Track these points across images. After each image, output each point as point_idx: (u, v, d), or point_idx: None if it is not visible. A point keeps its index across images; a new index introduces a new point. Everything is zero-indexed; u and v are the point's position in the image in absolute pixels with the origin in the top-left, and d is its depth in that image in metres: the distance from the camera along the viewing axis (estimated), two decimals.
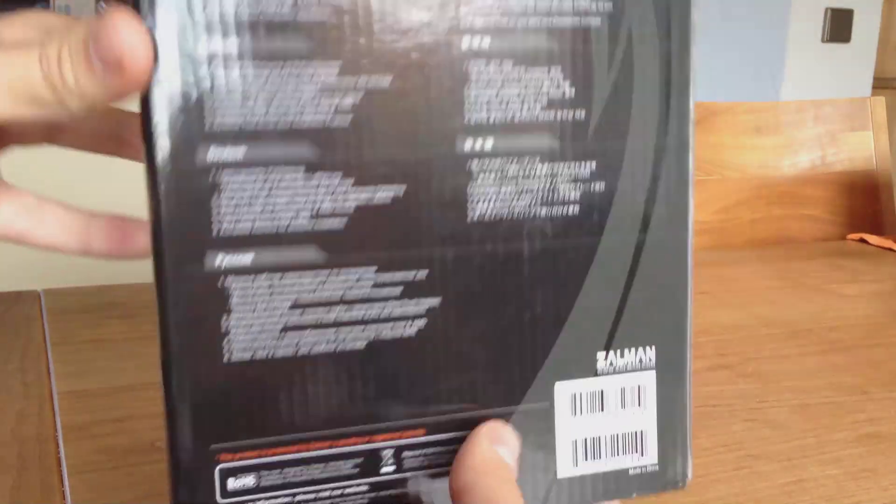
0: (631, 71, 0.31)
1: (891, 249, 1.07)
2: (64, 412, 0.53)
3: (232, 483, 0.28)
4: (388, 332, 0.29)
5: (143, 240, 0.32)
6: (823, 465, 0.50)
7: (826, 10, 2.67)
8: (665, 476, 0.34)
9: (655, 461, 0.34)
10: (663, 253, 0.32)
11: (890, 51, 3.10)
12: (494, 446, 0.29)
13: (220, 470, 0.28)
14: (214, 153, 0.26)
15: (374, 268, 0.28)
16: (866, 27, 2.74)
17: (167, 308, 0.27)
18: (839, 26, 2.69)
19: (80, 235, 0.32)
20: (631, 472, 0.33)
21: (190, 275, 0.27)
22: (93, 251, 0.32)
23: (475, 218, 0.29)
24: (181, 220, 0.26)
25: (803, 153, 1.27)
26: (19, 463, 0.47)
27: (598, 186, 0.31)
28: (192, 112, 0.26)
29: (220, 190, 0.27)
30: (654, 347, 0.33)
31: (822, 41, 2.70)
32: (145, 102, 0.26)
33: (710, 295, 0.84)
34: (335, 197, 0.28)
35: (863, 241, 1.12)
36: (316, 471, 0.29)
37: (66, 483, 0.45)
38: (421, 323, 0.29)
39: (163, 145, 0.26)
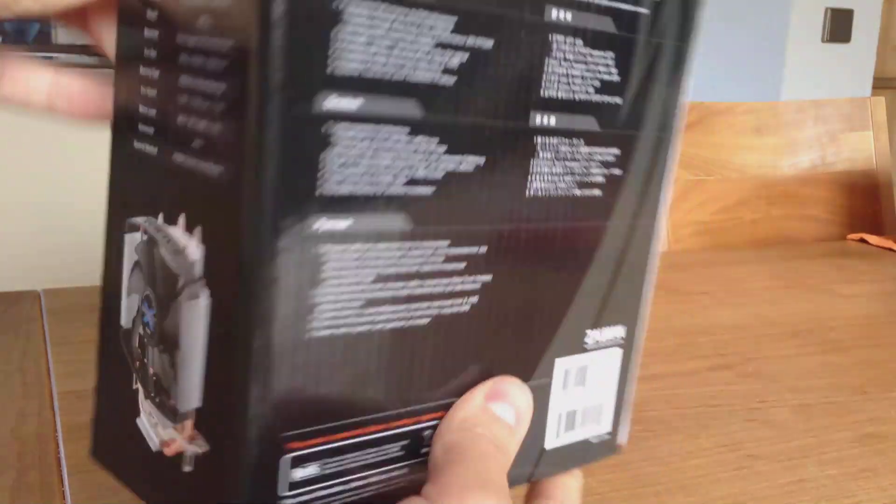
0: (656, 63, 0.31)
1: (891, 249, 1.07)
2: (64, 412, 0.53)
3: (298, 473, 0.26)
4: (448, 308, 0.28)
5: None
6: (823, 465, 0.50)
7: (826, 10, 2.67)
8: (612, 442, 0.35)
9: (609, 429, 0.35)
10: (643, 238, 0.34)
11: (890, 51, 3.10)
12: (490, 402, 0.29)
13: (291, 459, 0.25)
14: (333, 101, 0.23)
15: (448, 241, 0.27)
16: (866, 27, 2.74)
17: (259, 279, 0.23)
18: (839, 26, 2.69)
19: (45, 91, 0.29)
20: (592, 440, 0.35)
21: (290, 240, 0.24)
22: (57, 109, 0.29)
23: (530, 195, 0.29)
24: (285, 176, 0.23)
25: (803, 153, 1.27)
26: (19, 463, 0.47)
27: (616, 172, 0.32)
28: (316, 51, 0.23)
29: (332, 145, 0.24)
30: (624, 326, 0.34)
31: (822, 41, 2.70)
32: (262, 26, 0.22)
33: (710, 295, 0.84)
34: (429, 162, 0.26)
35: (863, 241, 1.12)
36: (370, 455, 0.27)
37: (66, 483, 0.45)
38: (474, 300, 0.29)
39: (277, 86, 0.22)
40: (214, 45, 0.24)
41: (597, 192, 0.31)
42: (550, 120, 0.29)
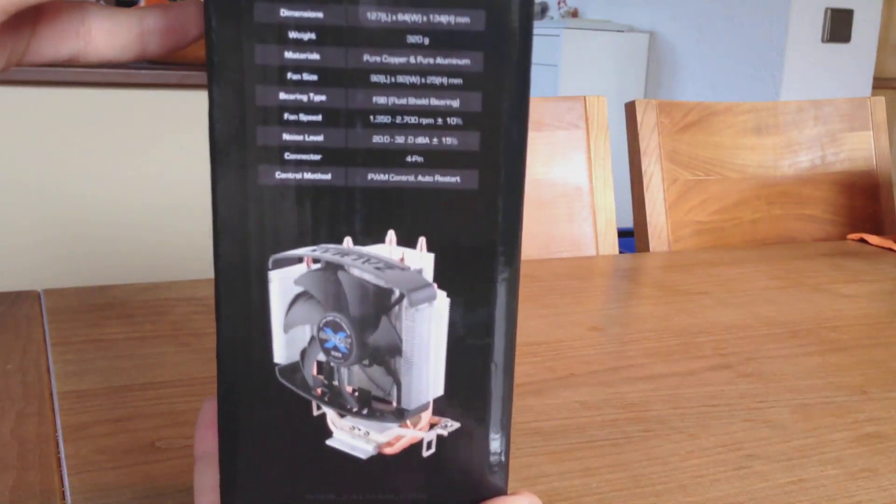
0: None
1: (891, 249, 1.07)
2: (64, 412, 0.53)
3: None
4: None
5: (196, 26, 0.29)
6: (823, 465, 0.50)
7: (826, 10, 2.67)
8: None
9: None
10: None
11: (890, 51, 3.10)
12: None
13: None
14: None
15: None
16: (866, 27, 2.74)
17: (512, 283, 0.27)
18: (839, 26, 2.69)
19: (137, 37, 0.29)
20: None
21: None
22: (148, 54, 0.30)
23: None
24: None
25: (803, 153, 1.27)
26: (19, 463, 0.47)
27: None
28: None
29: None
30: None
31: (822, 41, 2.70)
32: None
33: (710, 295, 0.84)
34: None
35: (863, 241, 1.12)
36: None
37: (66, 483, 0.45)
38: None
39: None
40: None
41: None
42: None
